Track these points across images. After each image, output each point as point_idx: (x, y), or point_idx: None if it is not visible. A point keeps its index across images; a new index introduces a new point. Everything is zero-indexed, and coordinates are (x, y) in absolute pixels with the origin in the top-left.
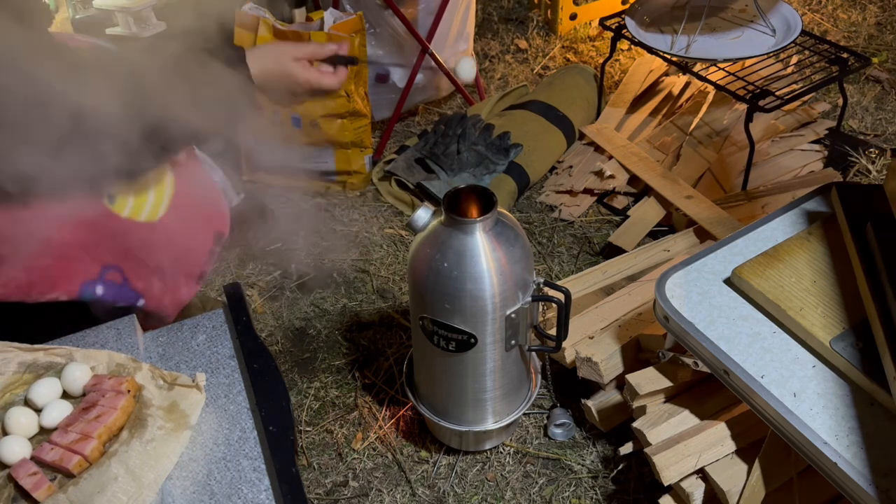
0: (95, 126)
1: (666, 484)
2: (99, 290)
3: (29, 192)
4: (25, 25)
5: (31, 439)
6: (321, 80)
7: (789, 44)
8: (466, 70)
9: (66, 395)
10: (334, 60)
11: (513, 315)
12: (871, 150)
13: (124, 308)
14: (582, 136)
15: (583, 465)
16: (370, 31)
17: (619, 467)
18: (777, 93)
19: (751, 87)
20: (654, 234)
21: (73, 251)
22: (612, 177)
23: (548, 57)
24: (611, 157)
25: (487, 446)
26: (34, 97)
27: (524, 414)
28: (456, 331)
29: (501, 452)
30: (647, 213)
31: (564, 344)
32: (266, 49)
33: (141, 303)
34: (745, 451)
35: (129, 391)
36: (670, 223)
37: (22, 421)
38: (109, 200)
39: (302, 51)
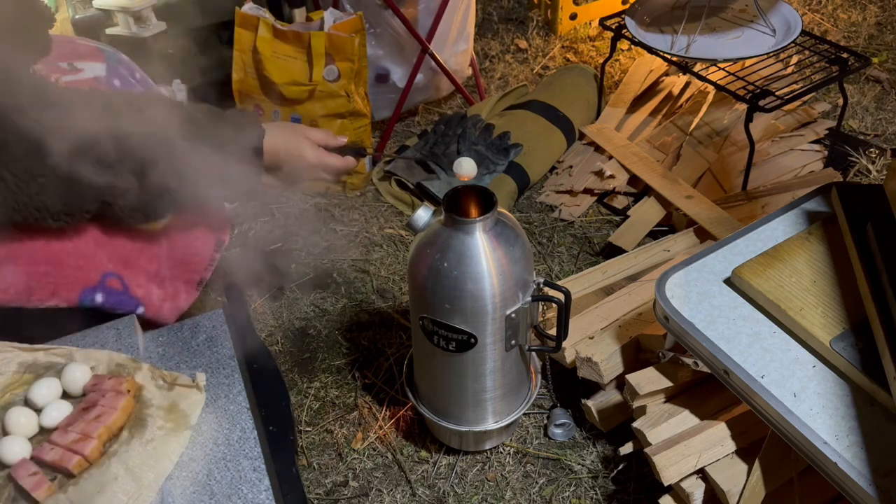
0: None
1: (666, 484)
2: (99, 297)
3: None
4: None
5: (31, 439)
6: (328, 160)
7: (789, 44)
8: (467, 168)
9: (66, 395)
10: (344, 151)
11: (513, 315)
12: (871, 150)
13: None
14: (582, 136)
15: (583, 465)
16: (370, 31)
17: (619, 467)
18: (777, 93)
19: (751, 87)
20: (654, 234)
21: (73, 258)
22: (612, 177)
23: (548, 57)
24: (611, 157)
25: (487, 446)
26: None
27: (524, 414)
28: (456, 331)
29: (501, 452)
30: (647, 213)
31: (564, 344)
32: (280, 126)
33: (140, 310)
34: (745, 451)
35: (129, 391)
36: (670, 223)
37: (22, 421)
38: None
39: (315, 135)
